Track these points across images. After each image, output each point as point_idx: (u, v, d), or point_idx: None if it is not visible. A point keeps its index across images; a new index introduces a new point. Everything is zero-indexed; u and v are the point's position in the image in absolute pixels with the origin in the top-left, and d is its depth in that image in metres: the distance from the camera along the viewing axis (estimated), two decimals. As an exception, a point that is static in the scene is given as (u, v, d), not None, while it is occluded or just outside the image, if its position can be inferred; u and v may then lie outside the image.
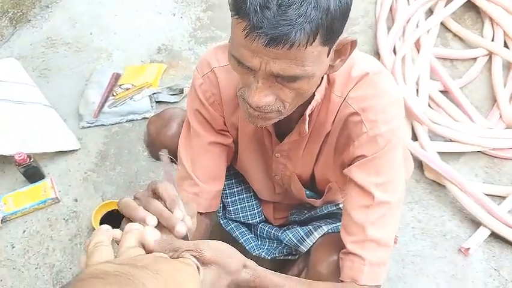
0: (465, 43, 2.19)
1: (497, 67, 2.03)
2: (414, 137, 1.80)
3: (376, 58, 1.03)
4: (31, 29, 2.27)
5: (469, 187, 1.60)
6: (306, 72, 0.67)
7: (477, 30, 2.24)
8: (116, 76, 2.01)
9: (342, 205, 1.15)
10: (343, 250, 0.91)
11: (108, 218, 1.57)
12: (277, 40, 0.62)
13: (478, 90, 2.01)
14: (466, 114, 1.86)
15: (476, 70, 2.05)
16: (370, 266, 0.86)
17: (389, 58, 2.02)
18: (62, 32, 2.26)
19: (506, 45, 2.12)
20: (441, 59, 2.11)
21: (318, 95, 0.84)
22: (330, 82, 0.85)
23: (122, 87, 1.96)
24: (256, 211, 1.27)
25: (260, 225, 1.28)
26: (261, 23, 0.61)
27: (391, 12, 2.22)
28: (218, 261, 0.61)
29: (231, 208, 1.26)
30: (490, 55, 2.09)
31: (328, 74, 0.84)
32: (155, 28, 2.27)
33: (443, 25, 2.24)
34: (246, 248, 1.25)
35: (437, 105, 1.89)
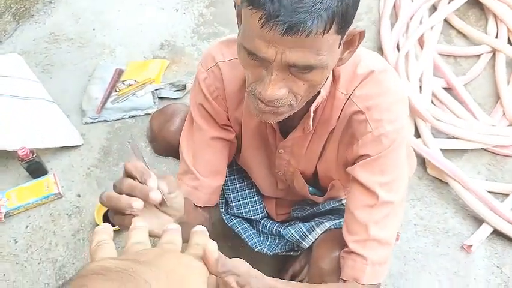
0: (469, 40, 2.18)
1: (500, 64, 2.02)
2: (417, 134, 1.79)
3: (379, 54, 1.03)
4: (34, 25, 2.27)
5: (472, 184, 1.60)
6: (321, 61, 0.67)
7: (481, 27, 2.23)
8: (119, 72, 2.01)
9: (344, 201, 1.15)
10: (344, 249, 0.90)
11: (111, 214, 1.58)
12: (294, 28, 0.61)
13: (482, 87, 2.01)
14: (469, 111, 1.85)
15: (479, 67, 2.04)
16: (372, 266, 0.86)
17: (393, 54, 2.01)
18: (65, 28, 2.25)
19: (510, 42, 2.12)
20: (444, 56, 2.10)
21: (324, 92, 0.84)
22: (335, 79, 0.85)
23: (125, 83, 1.96)
24: (258, 207, 1.27)
25: (262, 221, 1.28)
26: (278, 12, 0.61)
27: (394, 8, 2.21)
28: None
29: (234, 204, 1.26)
30: (494, 52, 2.08)
31: (333, 71, 0.84)
32: (158, 24, 2.27)
33: (447, 22, 2.23)
34: (249, 244, 1.26)
35: (441, 102, 1.88)
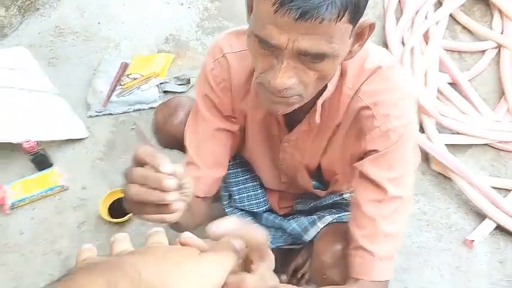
0: (474, 36, 2.17)
1: (505, 60, 2.01)
2: (421, 129, 1.79)
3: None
4: (39, 18, 2.27)
5: (475, 180, 1.60)
6: (333, 50, 0.67)
7: (486, 22, 2.22)
8: (124, 66, 2.01)
9: (346, 195, 1.15)
10: (352, 246, 0.89)
11: (115, 206, 1.59)
12: (308, 14, 0.62)
13: (486, 83, 2.00)
14: (474, 106, 1.85)
15: (484, 63, 2.03)
16: (380, 261, 0.86)
17: (398, 50, 2.01)
18: (70, 21, 2.26)
19: (515, 38, 2.11)
20: (449, 51, 2.09)
21: (331, 86, 0.84)
22: (342, 73, 0.85)
23: (129, 76, 1.97)
24: (261, 200, 1.27)
25: (265, 214, 1.29)
26: None
27: (400, 3, 2.21)
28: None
29: (237, 197, 1.26)
30: (499, 48, 2.07)
31: (341, 65, 0.84)
32: (162, 18, 2.27)
33: (452, 17, 2.22)
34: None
35: (445, 97, 1.88)
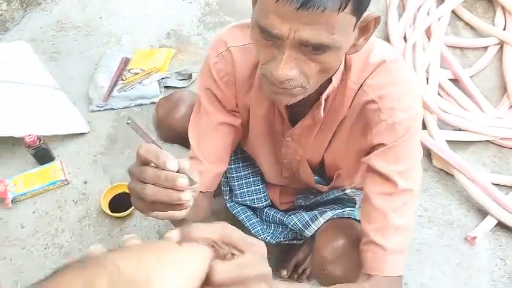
0: (476, 32, 2.16)
1: (508, 56, 2.00)
2: (423, 126, 1.79)
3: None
4: (41, 12, 2.27)
5: (477, 176, 1.60)
6: (335, 41, 0.66)
7: (488, 19, 2.21)
8: (125, 60, 2.01)
9: (348, 191, 1.15)
10: (363, 241, 0.88)
11: (117, 201, 1.59)
12: (310, 3, 0.61)
13: (488, 79, 2.00)
14: (476, 103, 1.84)
15: (486, 59, 2.03)
16: (392, 255, 0.84)
17: (399, 45, 2.00)
18: (72, 16, 2.25)
19: (518, 34, 2.10)
20: (451, 48, 2.09)
21: (335, 80, 0.84)
22: (346, 67, 0.85)
23: (131, 71, 1.96)
24: (262, 195, 1.27)
25: (266, 209, 1.29)
26: None
27: (402, -1, 2.20)
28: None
29: (238, 191, 1.26)
30: (501, 44, 2.07)
31: (346, 59, 0.83)
32: (164, 13, 2.26)
33: (454, 13, 2.21)
34: (252, 232, 1.26)
35: (447, 93, 1.88)
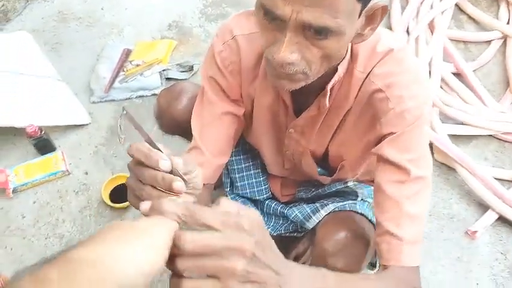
0: (480, 26, 2.15)
1: (511, 51, 1.99)
2: (424, 119, 1.79)
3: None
4: (43, 3, 2.26)
5: (479, 170, 1.59)
6: (338, 25, 0.65)
7: (492, 12, 2.20)
8: (127, 52, 2.01)
9: (350, 183, 1.15)
10: (377, 232, 0.86)
11: (117, 192, 1.60)
12: None
13: (491, 73, 1.99)
14: (478, 97, 1.84)
15: (490, 53, 2.02)
16: (408, 245, 0.82)
17: (402, 39, 1.99)
18: (74, 7, 2.25)
19: (522, 28, 2.09)
20: (454, 41, 2.08)
21: (341, 69, 0.82)
22: (353, 56, 0.84)
23: (132, 63, 1.96)
24: (263, 188, 1.27)
25: (267, 201, 1.28)
26: None
27: (405, -8, 2.19)
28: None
29: (239, 184, 1.25)
30: (505, 38, 2.06)
31: (352, 48, 0.82)
32: (166, 4, 2.26)
33: (458, 7, 2.20)
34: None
35: (449, 87, 1.87)
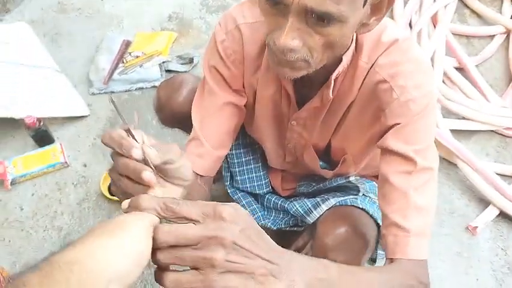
0: (483, 20, 2.14)
1: (514, 45, 1.98)
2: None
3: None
4: (42, -7, 2.25)
5: (480, 166, 1.58)
6: (340, 12, 0.64)
7: (495, 7, 2.18)
8: (126, 43, 1.99)
9: (352, 178, 1.14)
10: (383, 225, 0.84)
11: (116, 184, 1.58)
12: None
13: (494, 68, 1.97)
14: (481, 92, 1.82)
15: (493, 48, 2.00)
16: (415, 237, 0.80)
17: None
18: (73, -3, 2.23)
19: (525, 23, 2.07)
20: (457, 36, 2.06)
21: (345, 59, 0.81)
22: (357, 47, 0.82)
23: (132, 54, 1.95)
24: (263, 182, 1.26)
25: (267, 195, 1.27)
26: None
27: (408, -15, 2.17)
28: None
29: (239, 178, 1.24)
30: (508, 33, 2.04)
31: (357, 39, 0.81)
32: (166, -5, 2.24)
33: (461, 1, 2.18)
34: (253, 218, 1.25)
35: (452, 82, 1.86)
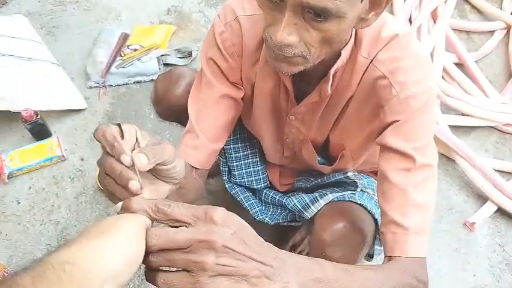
0: (483, 16, 2.13)
1: (514, 41, 1.98)
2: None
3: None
4: (40, -14, 2.22)
5: (479, 162, 1.58)
6: (338, 8, 0.63)
7: (496, 3, 2.17)
8: (124, 36, 1.98)
9: (350, 174, 1.13)
10: (382, 222, 0.84)
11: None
12: None
13: (494, 64, 1.97)
14: (480, 88, 1.82)
15: (492, 43, 2.00)
16: (414, 235, 0.80)
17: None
18: (71, -10, 2.21)
19: (525, 19, 2.06)
20: (457, 31, 2.05)
21: (344, 54, 0.80)
22: (357, 42, 0.81)
23: (130, 47, 1.93)
24: (261, 177, 1.26)
25: (265, 190, 1.27)
26: None
27: (408, -20, 2.16)
28: None
29: (236, 172, 1.24)
30: (508, 29, 2.03)
31: (356, 34, 0.80)
32: (165, -12, 2.22)
33: (462, -4, 2.18)
34: (250, 213, 1.25)
35: (451, 77, 1.85)
